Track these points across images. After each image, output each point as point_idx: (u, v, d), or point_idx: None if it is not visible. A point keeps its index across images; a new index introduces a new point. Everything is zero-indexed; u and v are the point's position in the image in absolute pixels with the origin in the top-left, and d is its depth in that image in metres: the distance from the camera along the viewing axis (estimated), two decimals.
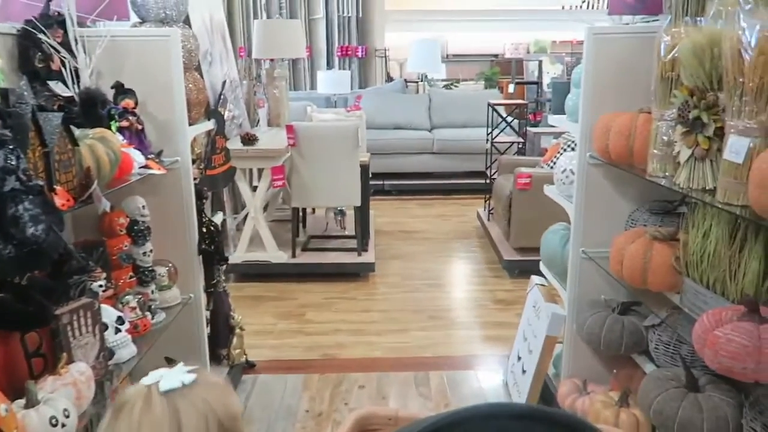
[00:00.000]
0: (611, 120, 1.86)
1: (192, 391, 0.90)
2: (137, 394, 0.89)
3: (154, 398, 0.88)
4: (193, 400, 0.89)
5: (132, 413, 0.87)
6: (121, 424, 0.87)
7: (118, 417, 0.88)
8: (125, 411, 0.88)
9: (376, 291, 3.74)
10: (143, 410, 0.87)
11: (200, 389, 0.91)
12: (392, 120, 6.43)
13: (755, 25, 1.24)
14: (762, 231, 1.40)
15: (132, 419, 0.86)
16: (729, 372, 1.28)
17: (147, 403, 0.87)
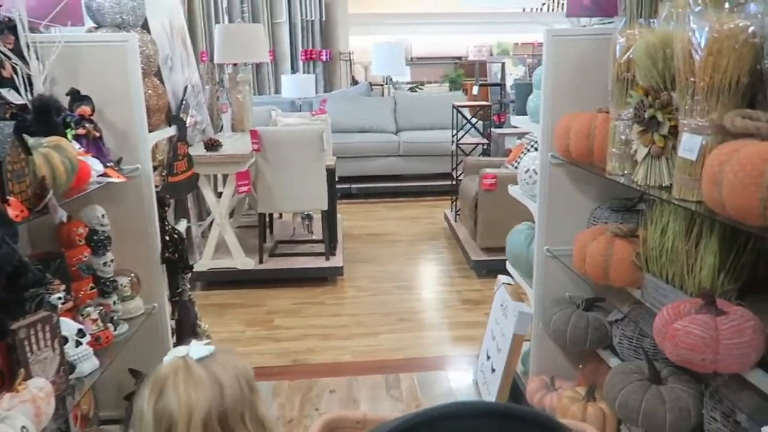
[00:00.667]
0: (571, 120, 1.89)
1: (218, 357, 1.02)
2: (174, 367, 0.98)
3: (193, 366, 0.98)
4: (223, 364, 1.01)
5: (177, 384, 0.96)
6: (169, 397, 0.96)
7: (164, 392, 0.97)
8: (169, 385, 0.97)
9: (345, 295, 3.73)
10: (187, 379, 0.97)
11: (223, 355, 1.04)
12: (358, 123, 6.43)
13: (704, 27, 1.28)
14: (716, 226, 1.45)
15: (179, 389, 0.96)
16: (688, 363, 1.32)
17: (188, 372, 0.97)
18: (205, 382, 0.98)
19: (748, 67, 1.28)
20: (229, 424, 1.00)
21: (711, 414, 1.44)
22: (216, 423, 0.98)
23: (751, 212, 1.10)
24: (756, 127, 1.17)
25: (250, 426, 1.03)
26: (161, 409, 0.97)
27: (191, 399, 0.96)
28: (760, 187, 1.07)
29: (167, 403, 0.97)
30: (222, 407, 0.99)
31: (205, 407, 0.97)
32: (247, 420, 1.03)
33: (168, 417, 0.97)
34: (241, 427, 1.02)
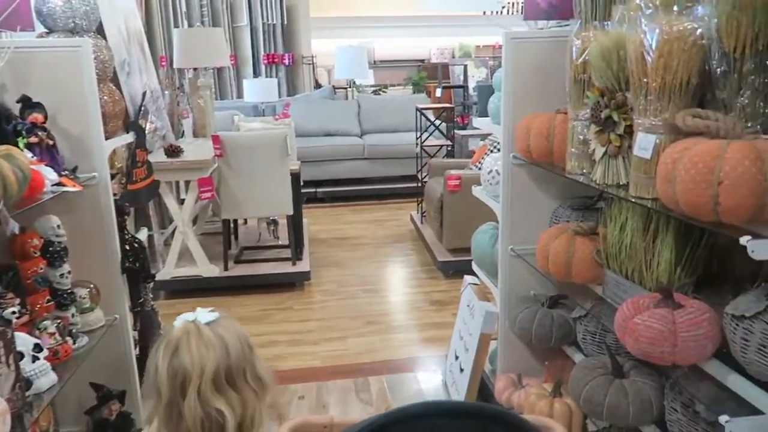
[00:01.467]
0: (531, 121, 1.92)
1: (222, 322, 1.19)
2: (186, 330, 1.15)
3: (202, 329, 1.15)
4: (227, 328, 1.18)
5: (190, 344, 1.13)
6: (183, 356, 1.12)
7: (178, 352, 1.13)
8: (182, 345, 1.13)
9: (313, 300, 3.70)
10: (198, 340, 1.13)
11: (225, 320, 1.21)
12: (322, 127, 6.41)
13: (655, 29, 1.32)
14: (672, 222, 1.49)
15: (192, 348, 1.12)
16: (648, 357, 1.35)
17: (199, 334, 1.14)
18: (214, 343, 1.14)
19: (698, 68, 1.32)
20: (233, 379, 1.16)
21: (671, 405, 1.48)
22: (223, 378, 1.14)
23: (703, 208, 1.14)
24: (706, 125, 1.21)
25: (251, 381, 1.20)
26: (176, 366, 1.12)
27: (203, 357, 1.12)
28: (711, 184, 1.11)
29: (182, 361, 1.12)
30: (228, 364, 1.15)
31: (215, 364, 1.13)
32: (248, 376, 1.19)
33: (182, 373, 1.12)
34: (243, 382, 1.18)
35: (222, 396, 1.14)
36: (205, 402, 1.12)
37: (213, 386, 1.13)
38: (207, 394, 1.12)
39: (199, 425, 1.12)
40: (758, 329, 1.17)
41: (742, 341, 1.21)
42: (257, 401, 1.20)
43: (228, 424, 1.12)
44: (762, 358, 1.16)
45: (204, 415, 1.12)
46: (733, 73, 1.28)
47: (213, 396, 1.12)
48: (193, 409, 1.11)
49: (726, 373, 1.30)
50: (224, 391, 1.14)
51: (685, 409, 1.43)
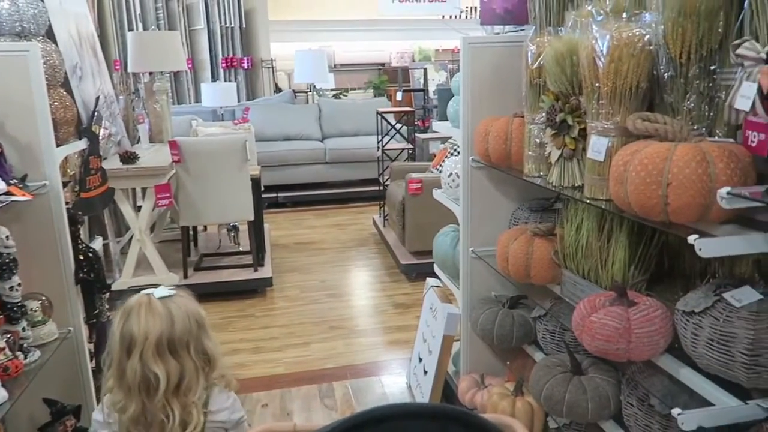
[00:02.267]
0: (489, 125, 1.95)
1: (176, 299, 1.36)
2: (140, 300, 1.33)
3: (153, 302, 1.32)
4: (178, 304, 1.35)
5: (140, 313, 1.30)
6: (132, 323, 1.30)
7: (129, 318, 1.31)
8: (133, 313, 1.31)
9: (275, 306, 3.67)
10: (147, 310, 1.31)
11: (180, 298, 1.37)
12: (282, 131, 6.36)
13: (605, 35, 1.36)
14: (625, 222, 1.54)
15: (140, 317, 1.30)
16: (605, 354, 1.39)
17: (149, 305, 1.31)
18: (161, 315, 1.31)
19: (646, 73, 1.37)
20: (176, 348, 1.32)
21: (628, 400, 1.52)
22: (165, 346, 1.30)
23: (653, 208, 1.18)
24: (654, 128, 1.25)
25: (194, 355, 1.35)
26: (125, 331, 1.31)
27: (149, 325, 1.29)
28: (660, 185, 1.15)
29: (130, 327, 1.30)
30: (171, 335, 1.31)
31: (158, 333, 1.30)
32: (192, 349, 1.34)
33: (129, 337, 1.30)
34: (185, 353, 1.33)
35: (161, 361, 1.30)
36: (146, 364, 1.29)
37: (155, 352, 1.30)
38: (148, 358, 1.29)
39: (137, 384, 1.30)
40: (707, 324, 1.22)
41: (692, 336, 1.25)
42: (196, 372, 1.35)
43: (161, 386, 1.29)
44: (711, 351, 1.21)
45: (142, 375, 1.29)
46: (679, 77, 1.33)
47: (153, 360, 1.29)
48: (134, 370, 1.29)
49: (678, 367, 1.35)
50: (165, 357, 1.31)
51: (640, 404, 1.48)
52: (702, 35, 1.28)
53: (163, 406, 1.31)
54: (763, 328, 1.16)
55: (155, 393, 1.30)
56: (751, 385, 1.20)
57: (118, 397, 1.33)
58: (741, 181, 1.12)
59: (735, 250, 1.14)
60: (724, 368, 1.20)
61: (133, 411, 1.31)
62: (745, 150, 1.17)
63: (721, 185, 1.09)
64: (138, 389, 1.30)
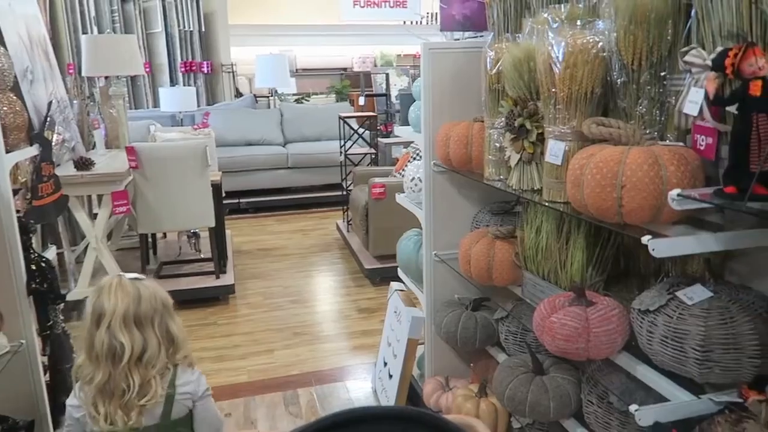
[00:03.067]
0: (450, 129, 1.97)
1: (145, 282, 1.53)
2: (112, 280, 1.49)
3: (124, 281, 1.49)
4: (146, 285, 1.51)
5: (111, 290, 1.46)
6: (103, 298, 1.46)
7: (100, 294, 1.47)
8: (105, 290, 1.47)
9: (238, 313, 3.61)
10: (118, 287, 1.47)
11: (148, 282, 1.54)
12: (244, 136, 6.29)
13: (561, 42, 1.39)
14: (582, 224, 1.57)
15: (111, 293, 1.46)
16: (565, 353, 1.41)
17: (120, 284, 1.48)
18: (129, 292, 1.47)
19: (601, 79, 1.41)
20: (141, 323, 1.47)
21: (588, 398, 1.56)
22: (131, 320, 1.45)
23: (608, 210, 1.21)
24: (609, 132, 1.29)
25: (158, 332, 1.49)
26: (97, 305, 1.46)
27: (117, 299, 1.45)
28: (615, 187, 1.18)
29: (101, 302, 1.45)
30: (137, 310, 1.46)
31: (125, 307, 1.45)
32: (156, 327, 1.49)
33: (99, 310, 1.45)
34: (149, 329, 1.48)
35: (127, 333, 1.44)
36: (112, 334, 1.44)
37: (121, 324, 1.44)
38: (115, 328, 1.44)
39: (104, 352, 1.43)
40: (661, 322, 1.26)
41: (647, 334, 1.29)
42: (159, 348, 1.49)
43: (125, 355, 1.43)
44: (665, 348, 1.25)
45: (109, 345, 1.44)
46: (631, 83, 1.37)
47: (119, 331, 1.44)
48: (101, 340, 1.44)
49: (635, 364, 1.39)
50: (130, 329, 1.45)
51: (600, 401, 1.51)
52: (652, 43, 1.32)
53: (126, 375, 1.44)
54: (713, 325, 1.20)
55: (120, 362, 1.44)
56: (703, 380, 1.24)
57: (88, 370, 1.47)
58: (690, 183, 1.16)
59: (686, 250, 1.18)
60: (677, 364, 1.24)
61: (99, 379, 1.44)
62: (695, 153, 1.21)
63: (671, 187, 1.13)
64: (105, 358, 1.44)
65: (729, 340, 1.19)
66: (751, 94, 0.95)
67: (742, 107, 0.98)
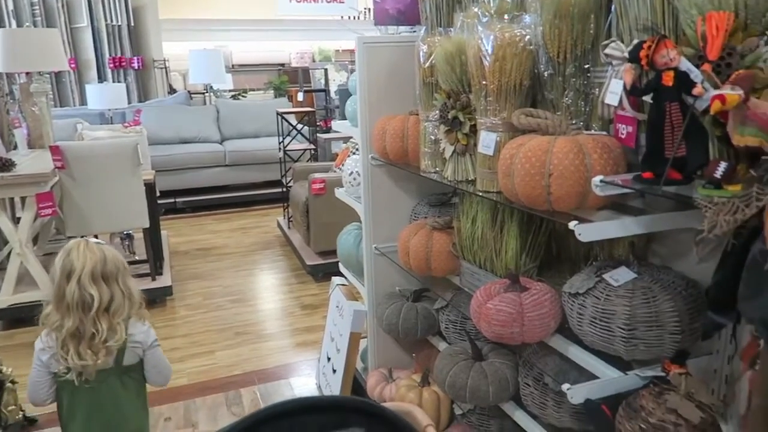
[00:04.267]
0: (386, 123, 1.99)
1: (105, 246, 1.70)
2: (77, 242, 1.67)
3: (89, 242, 1.68)
4: (108, 248, 1.70)
5: (79, 249, 1.64)
6: (72, 256, 1.63)
7: (69, 253, 1.64)
8: (73, 249, 1.64)
9: (176, 315, 3.52)
10: (85, 247, 1.65)
11: (108, 246, 1.72)
12: (178, 134, 6.11)
13: (490, 35, 1.43)
14: (515, 213, 1.62)
15: (79, 252, 1.64)
16: (501, 338, 1.46)
17: (87, 244, 1.67)
18: (95, 251, 1.65)
19: (528, 71, 1.45)
20: (107, 278, 1.65)
21: (525, 380, 1.61)
22: (99, 275, 1.63)
23: (537, 198, 1.25)
24: (537, 123, 1.34)
25: (122, 286, 1.68)
26: (66, 262, 1.63)
27: (86, 257, 1.63)
28: (543, 176, 1.23)
29: (71, 259, 1.63)
30: (103, 267, 1.64)
31: (93, 263, 1.63)
32: (120, 282, 1.68)
33: (69, 266, 1.62)
34: (114, 283, 1.66)
35: (96, 286, 1.62)
36: (83, 287, 1.61)
37: (90, 278, 1.62)
38: (85, 282, 1.61)
39: (75, 303, 1.60)
40: (590, 304, 1.32)
41: (578, 315, 1.34)
42: (123, 300, 1.67)
43: (94, 305, 1.61)
44: (594, 329, 1.30)
45: (80, 296, 1.61)
46: (558, 75, 1.42)
47: (89, 284, 1.61)
48: (72, 291, 1.60)
49: (567, 345, 1.44)
50: (98, 283, 1.63)
51: (536, 383, 1.56)
52: (576, 36, 1.37)
53: (94, 322, 1.62)
54: (637, 304, 1.27)
55: (89, 310, 1.61)
56: (630, 357, 1.30)
57: (55, 318, 1.63)
58: (613, 170, 1.22)
59: (610, 234, 1.24)
60: (606, 343, 1.29)
61: (70, 326, 1.61)
62: (617, 142, 1.27)
63: (595, 174, 1.18)
64: (76, 307, 1.61)
65: (652, 318, 1.26)
66: (664, 84, 1.00)
67: (656, 97, 1.03)
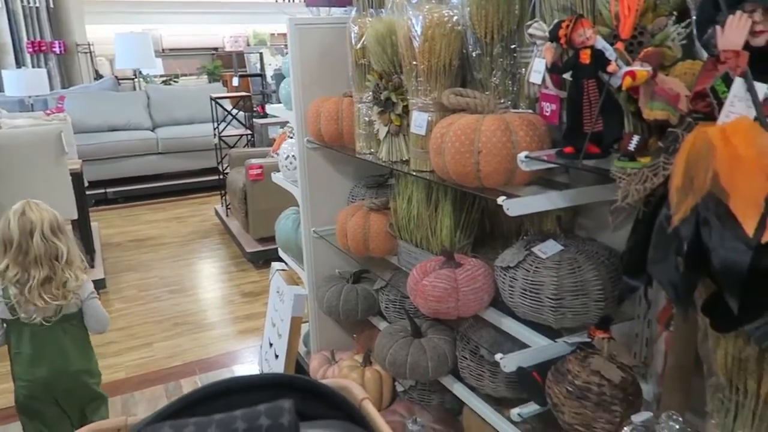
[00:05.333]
0: (320, 105, 1.98)
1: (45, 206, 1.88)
2: (25, 202, 1.83)
3: (31, 203, 1.84)
4: (46, 208, 1.86)
5: (32, 208, 1.81)
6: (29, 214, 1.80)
7: (23, 213, 1.80)
8: (27, 209, 1.81)
9: (111, 309, 3.40)
10: (35, 207, 1.83)
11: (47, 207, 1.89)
12: (107, 121, 5.86)
13: (419, 16, 1.44)
14: (449, 191, 1.66)
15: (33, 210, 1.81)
16: (437, 313, 1.49)
17: (35, 203, 1.84)
18: (47, 209, 1.84)
19: (457, 52, 1.48)
20: (63, 231, 1.85)
21: (462, 354, 1.66)
22: (56, 228, 1.82)
23: (468, 175, 1.29)
24: (466, 102, 1.37)
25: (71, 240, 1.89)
26: (24, 220, 1.78)
27: (42, 214, 1.81)
28: (473, 153, 1.26)
29: (28, 217, 1.79)
30: (58, 221, 1.84)
31: (50, 218, 1.82)
32: (70, 236, 1.88)
33: (30, 223, 1.78)
34: (66, 237, 1.86)
35: (56, 238, 1.80)
36: (47, 240, 1.78)
37: (50, 231, 1.79)
38: (48, 235, 1.79)
39: (42, 255, 1.77)
40: (520, 276, 1.37)
41: (509, 288, 1.39)
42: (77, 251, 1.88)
43: (61, 253, 1.80)
44: (524, 300, 1.36)
45: (45, 248, 1.78)
46: (486, 56, 1.46)
47: (52, 236, 1.79)
48: (38, 245, 1.77)
49: (501, 318, 1.50)
50: (58, 236, 1.82)
51: (473, 356, 1.62)
52: (502, 17, 1.41)
53: (63, 270, 1.81)
54: (564, 275, 1.33)
55: (58, 260, 1.80)
56: (558, 326, 1.37)
57: (13, 272, 1.77)
58: (538, 146, 1.26)
59: (537, 208, 1.29)
60: (536, 313, 1.35)
61: (41, 276, 1.77)
62: (542, 119, 1.31)
63: (521, 151, 1.22)
64: (46, 258, 1.78)
65: (577, 287, 1.32)
66: (582, 62, 1.05)
67: (574, 74, 1.08)
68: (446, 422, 1.83)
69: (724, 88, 0.71)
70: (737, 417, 0.86)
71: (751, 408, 0.84)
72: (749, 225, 0.65)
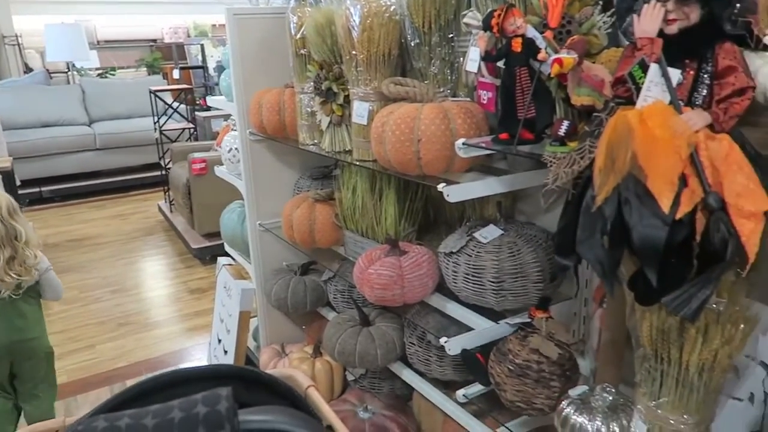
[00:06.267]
0: (262, 96, 1.96)
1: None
2: None
3: None
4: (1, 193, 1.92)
5: None
6: None
7: None
8: None
9: (49, 312, 3.26)
10: None
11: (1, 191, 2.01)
12: (38, 117, 5.60)
13: (357, 6, 1.44)
14: (392, 180, 1.67)
15: None
16: (383, 301, 1.51)
17: None
18: (2, 192, 1.92)
19: (396, 41, 1.49)
20: (19, 215, 1.92)
21: (410, 340, 1.69)
22: (13, 210, 1.91)
23: (409, 164, 1.31)
24: (405, 91, 1.38)
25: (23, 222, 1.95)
26: None
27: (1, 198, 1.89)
28: (413, 142, 1.28)
29: None
30: (13, 206, 1.91)
31: (7, 202, 1.89)
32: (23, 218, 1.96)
33: None
34: (21, 219, 1.94)
35: (13, 220, 1.89)
36: (7, 222, 1.87)
37: (8, 214, 1.88)
38: (6, 218, 1.87)
39: (4, 236, 1.86)
40: (463, 261, 1.40)
41: (452, 273, 1.43)
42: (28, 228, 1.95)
43: (20, 233, 1.90)
44: (467, 284, 1.39)
45: (6, 230, 1.87)
46: (424, 45, 1.48)
47: (9, 218, 1.88)
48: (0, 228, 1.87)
49: (445, 303, 1.53)
50: (14, 218, 1.90)
51: (420, 342, 1.65)
52: (439, 6, 1.43)
53: (23, 249, 1.91)
54: (504, 258, 1.37)
55: (18, 240, 1.89)
56: (500, 308, 1.41)
57: None
58: (476, 133, 1.29)
59: (476, 194, 1.32)
60: (478, 297, 1.39)
61: (4, 257, 1.87)
62: (479, 107, 1.35)
63: (459, 138, 1.24)
64: (7, 240, 1.87)
65: (517, 270, 1.37)
66: (513, 50, 1.08)
67: (507, 62, 1.11)
68: (397, 408, 1.86)
69: (641, 74, 0.75)
70: (662, 384, 0.91)
71: (674, 375, 0.89)
72: (665, 202, 0.69)
